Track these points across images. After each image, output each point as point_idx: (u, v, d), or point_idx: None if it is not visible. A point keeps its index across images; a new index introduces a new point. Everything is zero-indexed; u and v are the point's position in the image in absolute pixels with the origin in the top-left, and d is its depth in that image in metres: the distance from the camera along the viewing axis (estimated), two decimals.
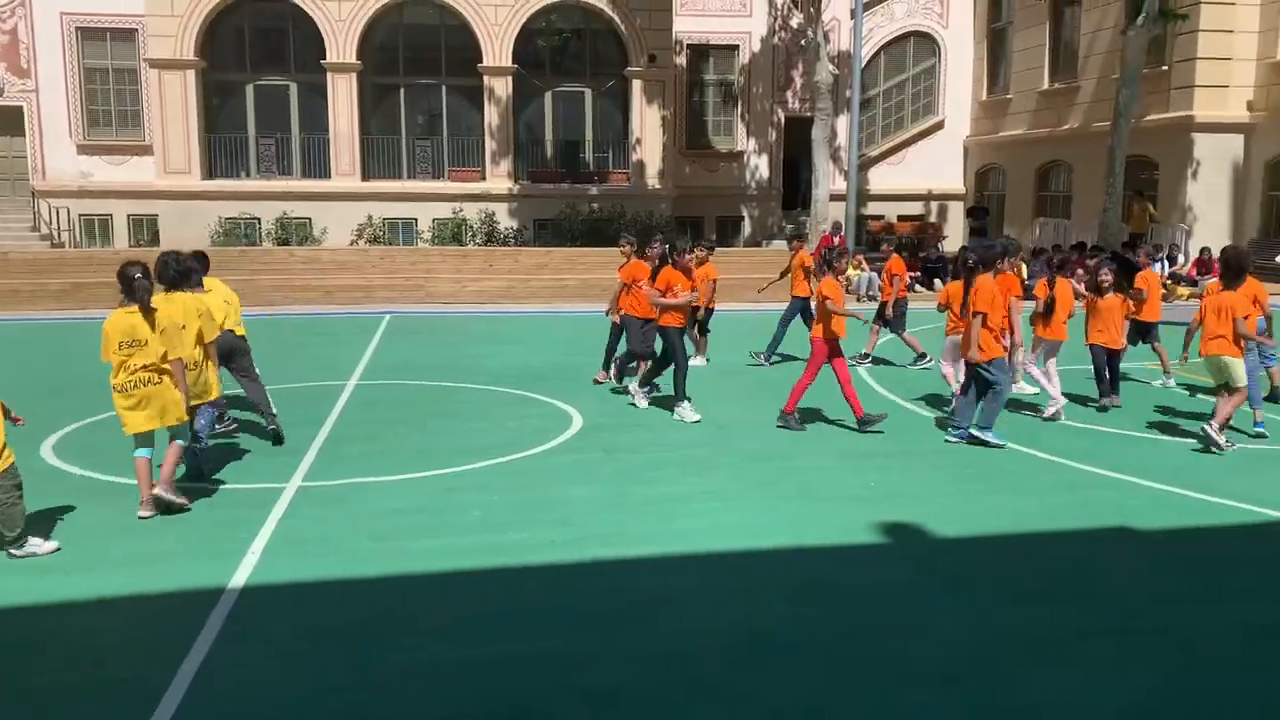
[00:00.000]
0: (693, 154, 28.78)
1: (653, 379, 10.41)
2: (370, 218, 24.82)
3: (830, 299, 9.06)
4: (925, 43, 30.29)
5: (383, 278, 20.87)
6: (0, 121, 26.01)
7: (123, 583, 5.59)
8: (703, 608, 5.40)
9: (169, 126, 24.62)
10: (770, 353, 13.08)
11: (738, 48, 28.76)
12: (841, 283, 9.43)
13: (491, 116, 25.37)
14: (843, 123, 26.97)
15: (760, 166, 29.28)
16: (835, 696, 4.46)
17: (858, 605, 5.45)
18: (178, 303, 7.14)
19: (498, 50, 25.05)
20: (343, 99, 25.01)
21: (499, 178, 25.54)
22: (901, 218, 29.35)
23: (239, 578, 5.65)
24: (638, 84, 25.73)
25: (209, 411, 7.68)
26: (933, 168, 30.41)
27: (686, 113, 28.67)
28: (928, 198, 30.47)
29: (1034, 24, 27.60)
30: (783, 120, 29.26)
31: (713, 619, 5.24)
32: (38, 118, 26.00)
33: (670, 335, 9.88)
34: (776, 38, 28.86)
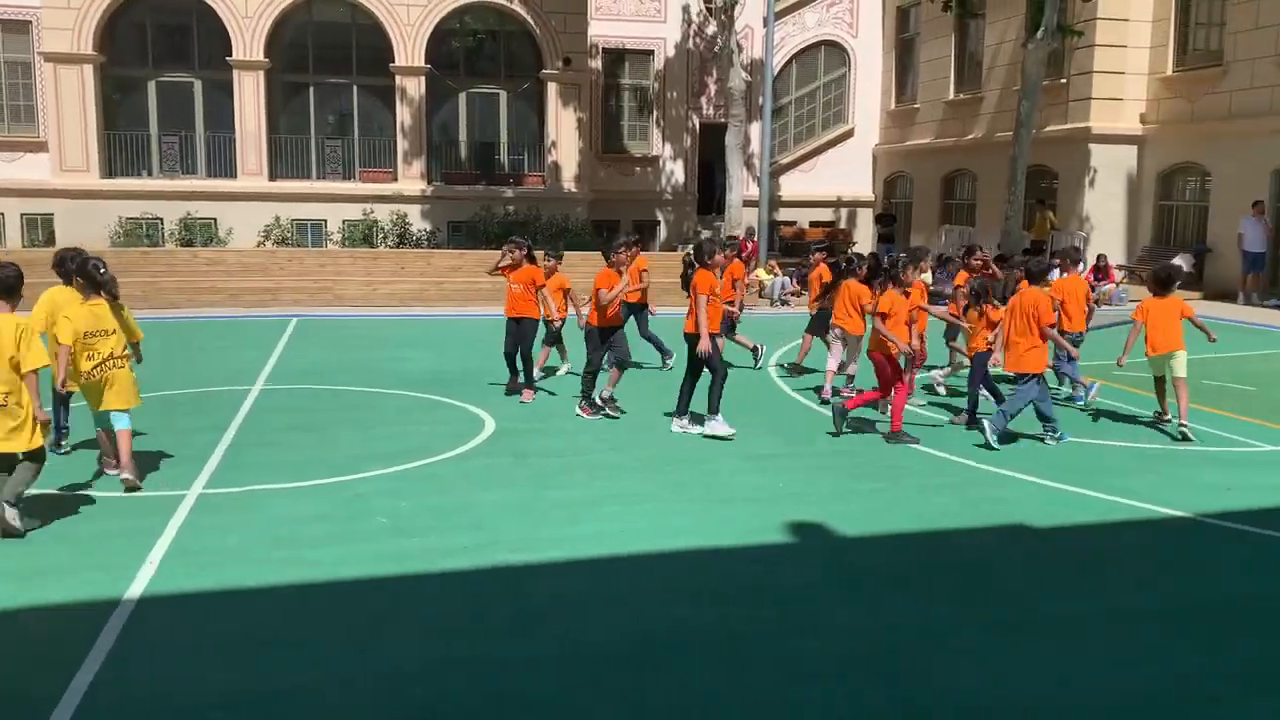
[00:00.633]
0: (609, 158, 28.84)
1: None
2: (278, 219, 24.27)
3: (888, 314, 9.15)
4: (836, 52, 30.87)
5: (290, 280, 20.43)
6: None
7: (8, 597, 5.38)
8: (606, 610, 5.43)
9: (65, 123, 23.74)
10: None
11: (653, 53, 28.92)
12: (910, 295, 9.39)
13: (404, 117, 25.05)
14: (756, 129, 27.32)
15: (676, 172, 29.48)
16: (730, 695, 4.53)
17: (759, 605, 5.54)
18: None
19: (410, 50, 24.76)
20: (249, 97, 24.43)
21: (411, 179, 25.23)
22: (813, 223, 29.88)
23: (135, 589, 5.48)
24: (553, 87, 25.68)
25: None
26: (843, 175, 31.00)
27: (602, 117, 28.73)
28: (838, 204, 31.04)
29: (940, 35, 28.34)
30: (698, 126, 29.52)
31: (616, 621, 5.28)
32: None
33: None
34: (691, 44, 29.10)
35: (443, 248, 24.01)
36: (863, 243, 28.47)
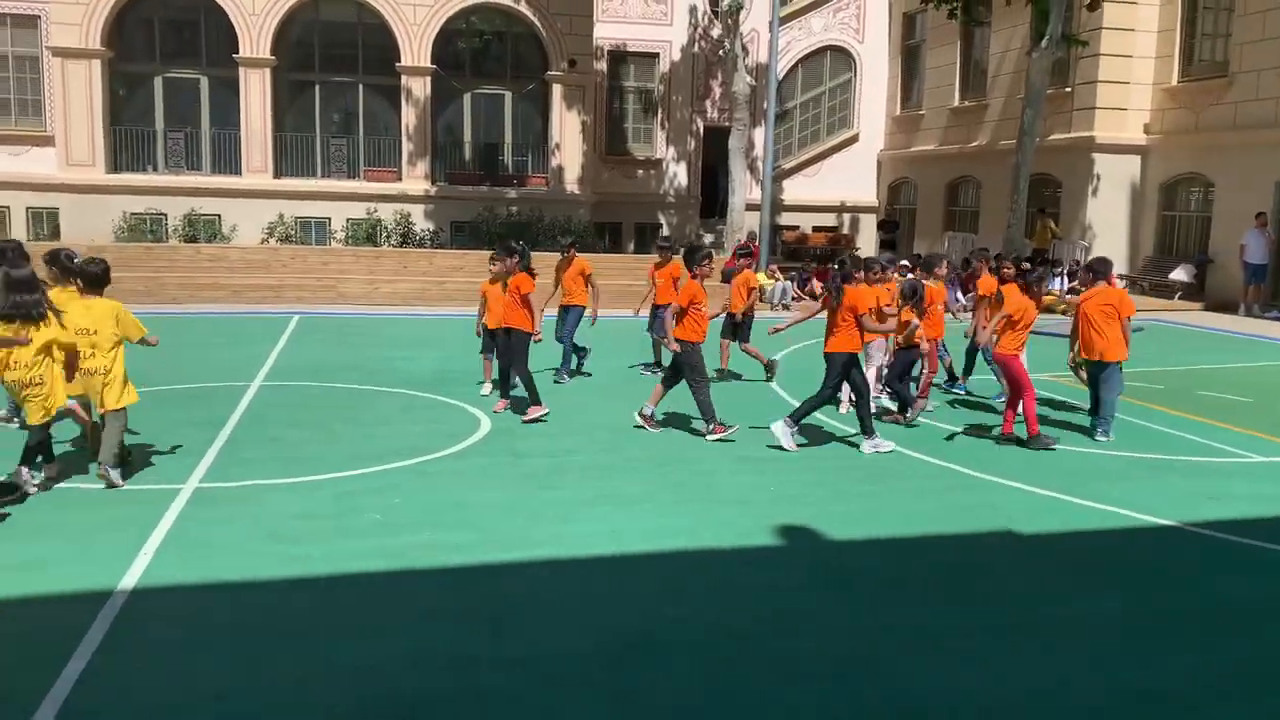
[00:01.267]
0: (612, 160, 28.90)
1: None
2: (282, 216, 24.36)
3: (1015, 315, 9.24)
4: (842, 57, 30.91)
5: (293, 278, 20.51)
6: None
7: (1, 588, 5.44)
8: (596, 609, 5.48)
9: (72, 117, 23.85)
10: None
11: (658, 56, 28.99)
12: (1033, 297, 9.45)
13: (409, 117, 25.13)
14: (760, 133, 27.37)
15: (679, 174, 29.54)
16: (721, 695, 4.58)
17: (748, 606, 5.58)
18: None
19: (416, 50, 24.84)
20: (255, 94, 24.52)
21: (415, 179, 25.30)
22: (816, 228, 29.91)
23: (128, 581, 5.54)
24: (558, 88, 25.75)
25: None
26: (847, 180, 31.04)
27: (606, 119, 28.80)
28: (841, 209, 31.09)
29: (946, 43, 28.38)
30: (702, 129, 29.57)
31: (606, 620, 5.32)
32: None
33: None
34: (696, 47, 29.16)
35: (445, 248, 24.08)
36: (866, 248, 28.50)
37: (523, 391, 9.99)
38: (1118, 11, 23.01)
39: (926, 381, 10.86)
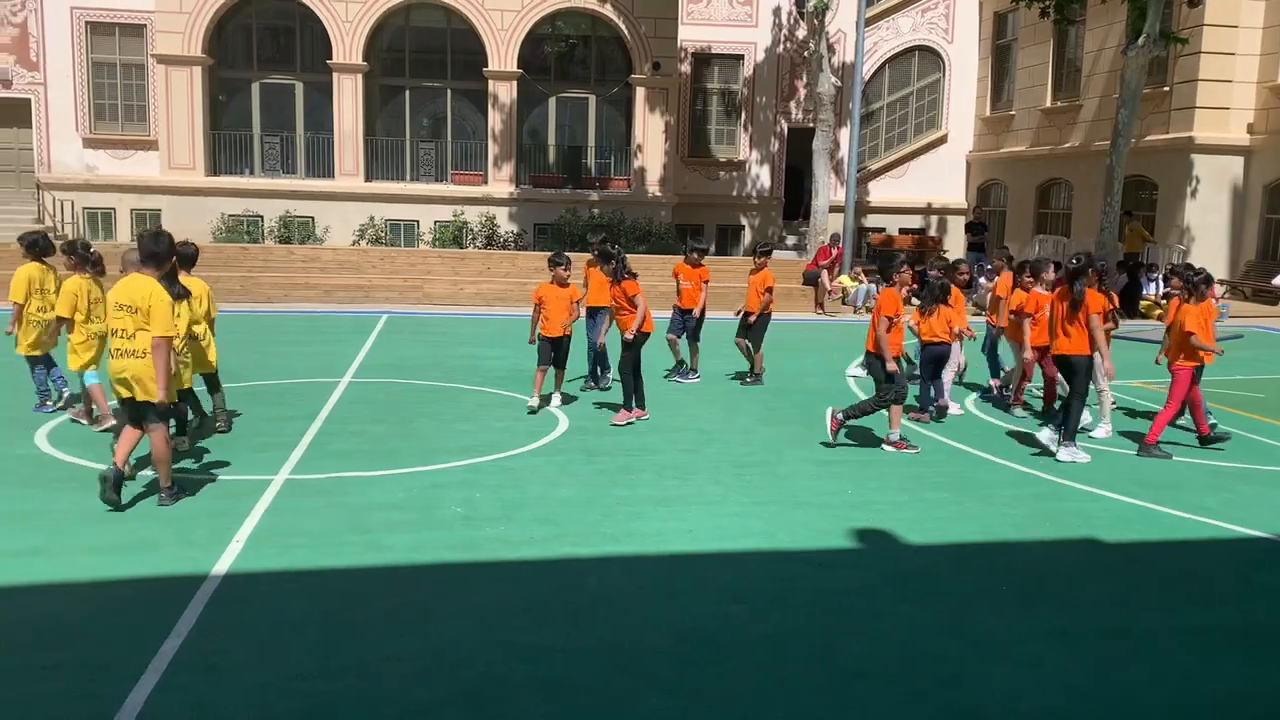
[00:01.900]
0: (694, 162, 28.92)
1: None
2: (372, 219, 24.99)
3: (1194, 332, 9.06)
4: (930, 57, 30.45)
5: (382, 278, 21.02)
6: (7, 113, 26.19)
7: (107, 568, 5.75)
8: (662, 604, 5.55)
9: (175, 122, 24.81)
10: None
11: (742, 57, 28.93)
12: (1202, 310, 9.28)
13: (495, 121, 25.54)
14: (845, 134, 27.11)
15: (762, 176, 29.43)
16: (776, 690, 4.61)
17: (817, 606, 5.59)
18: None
19: (503, 55, 25.23)
20: (348, 99, 25.19)
21: (501, 182, 25.70)
22: (902, 230, 29.50)
23: (221, 566, 5.80)
24: (641, 91, 25.89)
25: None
26: (934, 181, 30.56)
27: (689, 121, 28.84)
28: (928, 211, 30.61)
29: (1038, 42, 27.76)
30: (785, 130, 29.41)
31: (671, 615, 5.39)
32: (45, 111, 26.17)
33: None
34: (781, 48, 29.03)
35: (529, 249, 24.40)
36: (954, 251, 28.01)
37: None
38: (1221, 7, 22.23)
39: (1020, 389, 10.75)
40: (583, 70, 26.73)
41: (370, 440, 8.84)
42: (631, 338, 9.89)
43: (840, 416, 9.05)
